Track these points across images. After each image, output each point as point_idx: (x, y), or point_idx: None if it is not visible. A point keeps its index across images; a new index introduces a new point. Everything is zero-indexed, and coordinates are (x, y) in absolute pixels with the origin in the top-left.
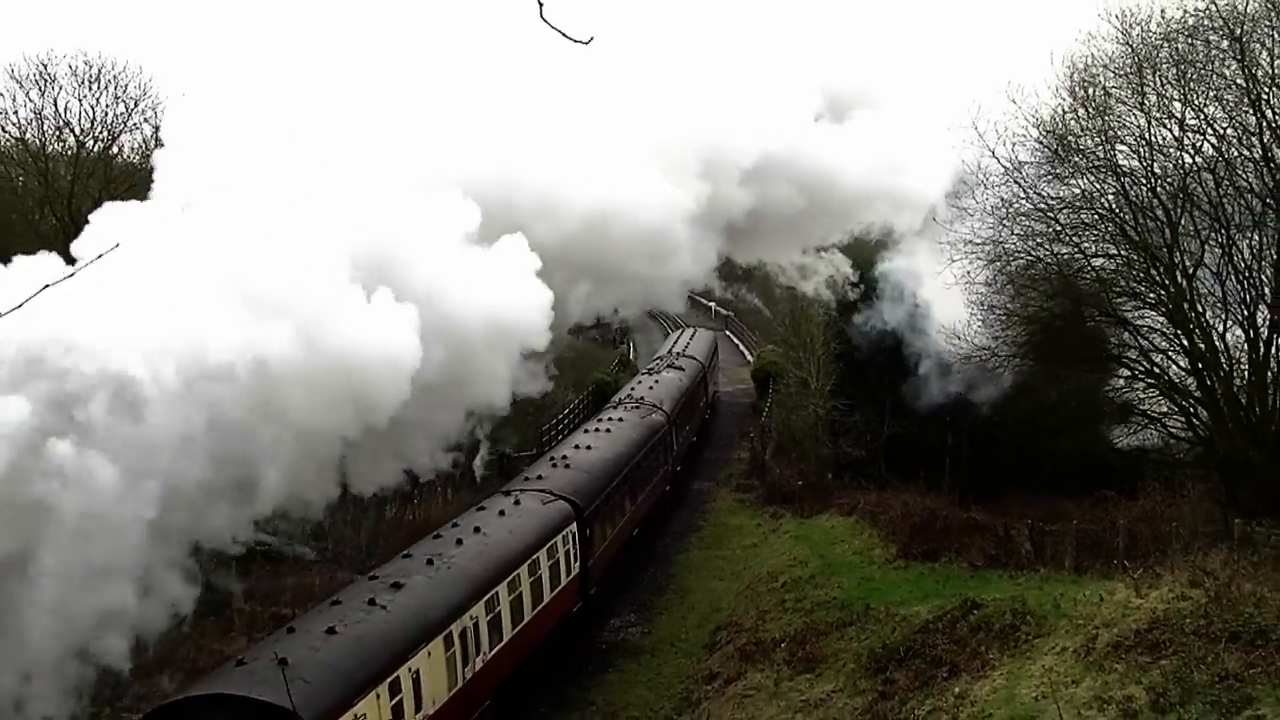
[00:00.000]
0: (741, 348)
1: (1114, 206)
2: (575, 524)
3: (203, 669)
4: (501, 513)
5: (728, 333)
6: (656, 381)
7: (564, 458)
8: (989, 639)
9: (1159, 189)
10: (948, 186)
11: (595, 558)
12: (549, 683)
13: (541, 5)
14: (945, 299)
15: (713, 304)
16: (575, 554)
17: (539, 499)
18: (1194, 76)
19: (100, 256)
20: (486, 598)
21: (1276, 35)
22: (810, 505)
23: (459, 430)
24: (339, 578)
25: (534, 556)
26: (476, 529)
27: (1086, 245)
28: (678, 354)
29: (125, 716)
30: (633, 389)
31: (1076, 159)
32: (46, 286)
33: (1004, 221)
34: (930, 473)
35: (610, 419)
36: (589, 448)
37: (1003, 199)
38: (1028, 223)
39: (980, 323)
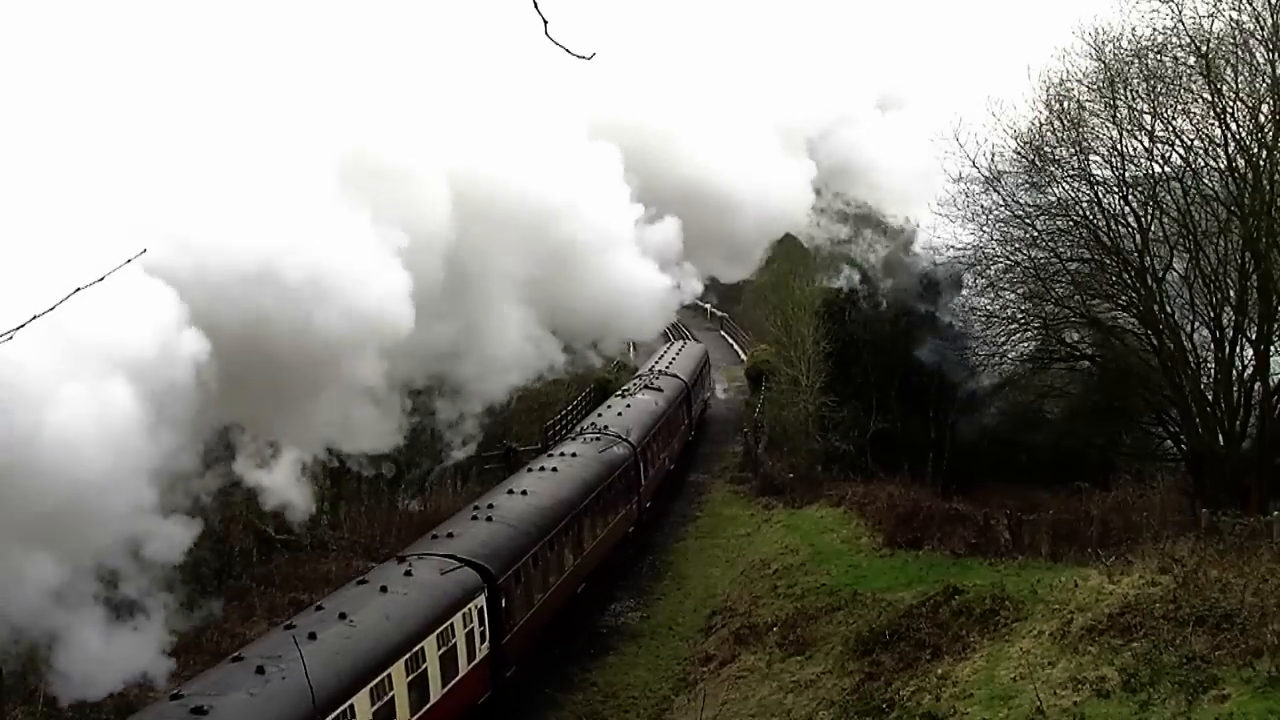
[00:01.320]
0: (735, 347)
1: (1088, 213)
2: (484, 595)
3: (226, 652)
4: (384, 589)
5: (722, 332)
6: (628, 406)
7: (489, 507)
8: (970, 623)
9: (1130, 197)
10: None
11: (514, 632)
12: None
13: (546, 24)
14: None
15: (708, 305)
16: (483, 633)
17: (438, 567)
18: (1163, 91)
19: (129, 261)
20: (334, 715)
21: (1240, 53)
22: (801, 496)
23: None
24: (355, 565)
25: (417, 647)
26: (342, 615)
27: (1062, 250)
28: (659, 372)
29: (152, 695)
30: (599, 415)
31: (1052, 168)
32: (78, 290)
33: (984, 227)
34: (914, 465)
35: (562, 454)
36: (524, 493)
37: (983, 206)
38: (1006, 229)
39: (961, 322)
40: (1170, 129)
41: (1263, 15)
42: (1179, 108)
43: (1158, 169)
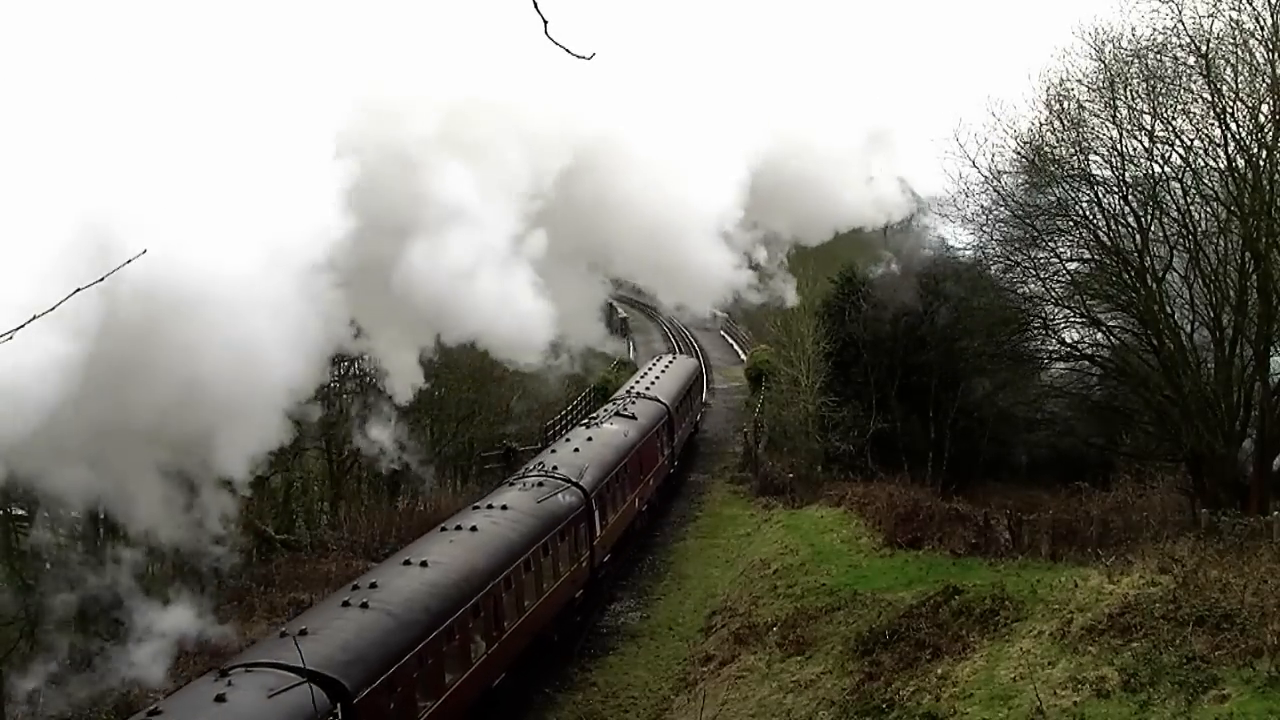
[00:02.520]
0: (735, 347)
1: (1087, 214)
2: None
3: (226, 654)
4: None
5: (722, 332)
6: (589, 439)
7: (370, 587)
8: (970, 623)
9: (1130, 197)
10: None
11: None
12: (552, 664)
13: (546, 24)
14: None
15: (708, 305)
16: None
17: (267, 686)
18: (1163, 91)
19: (129, 261)
20: None
21: (1240, 53)
22: (801, 496)
23: None
24: (355, 565)
25: None
26: None
27: (1062, 250)
28: (637, 394)
29: (152, 697)
30: (551, 452)
31: (1052, 168)
32: (78, 290)
33: (984, 227)
34: (914, 465)
35: (490, 507)
36: (423, 564)
37: (982, 206)
38: (1006, 229)
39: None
40: (1170, 129)
41: (1262, 15)
42: (1179, 108)
43: (1158, 169)
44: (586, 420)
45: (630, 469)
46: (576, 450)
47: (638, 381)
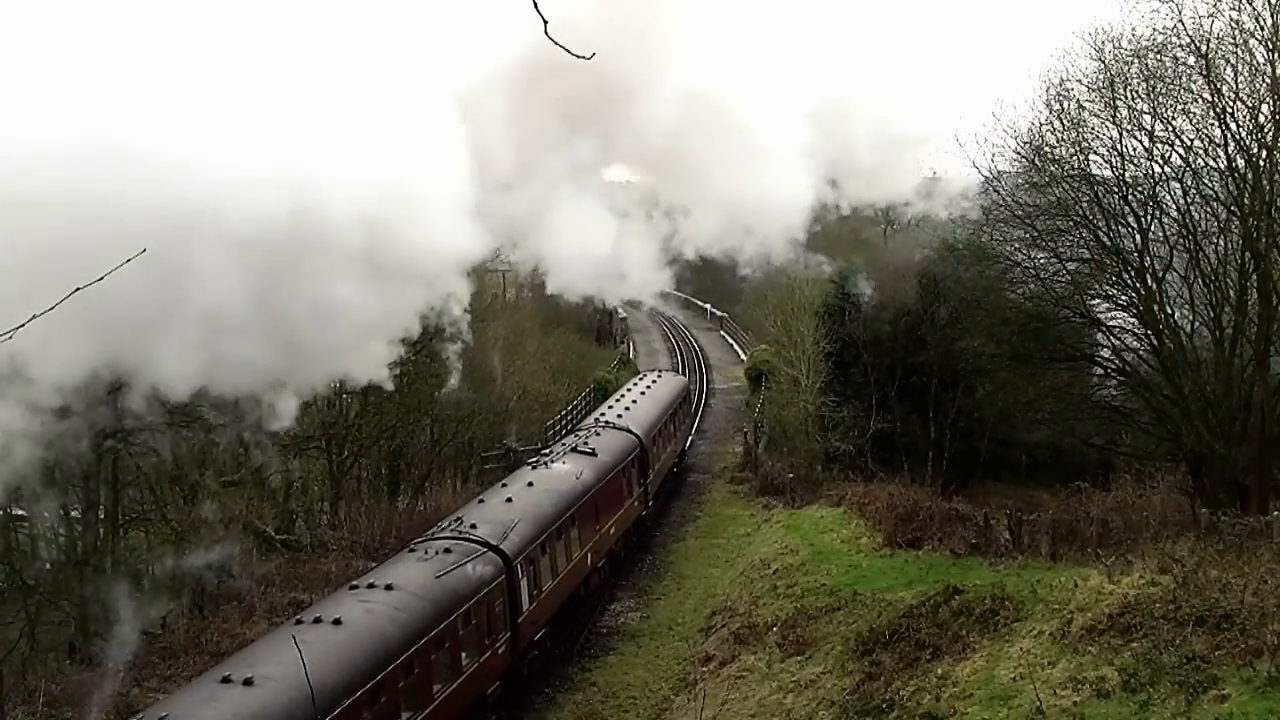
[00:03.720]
0: (735, 347)
1: (1088, 213)
2: None
3: (225, 653)
4: None
5: (722, 332)
6: (529, 485)
7: None
8: (970, 623)
9: (1130, 197)
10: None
11: None
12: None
13: (546, 24)
14: None
15: (708, 305)
16: None
17: None
18: (1163, 91)
19: (128, 260)
20: None
21: (1240, 53)
22: (801, 496)
23: None
24: (355, 565)
25: None
26: None
27: (1062, 250)
28: (605, 423)
29: (153, 697)
30: (480, 502)
31: (1052, 168)
32: (77, 289)
33: (984, 227)
34: (914, 465)
35: (371, 586)
36: (248, 682)
37: (982, 206)
38: (1006, 229)
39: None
40: (1170, 129)
41: (1263, 15)
42: (1179, 108)
43: (1158, 169)
44: (534, 459)
45: (581, 519)
46: (509, 500)
47: (609, 408)
